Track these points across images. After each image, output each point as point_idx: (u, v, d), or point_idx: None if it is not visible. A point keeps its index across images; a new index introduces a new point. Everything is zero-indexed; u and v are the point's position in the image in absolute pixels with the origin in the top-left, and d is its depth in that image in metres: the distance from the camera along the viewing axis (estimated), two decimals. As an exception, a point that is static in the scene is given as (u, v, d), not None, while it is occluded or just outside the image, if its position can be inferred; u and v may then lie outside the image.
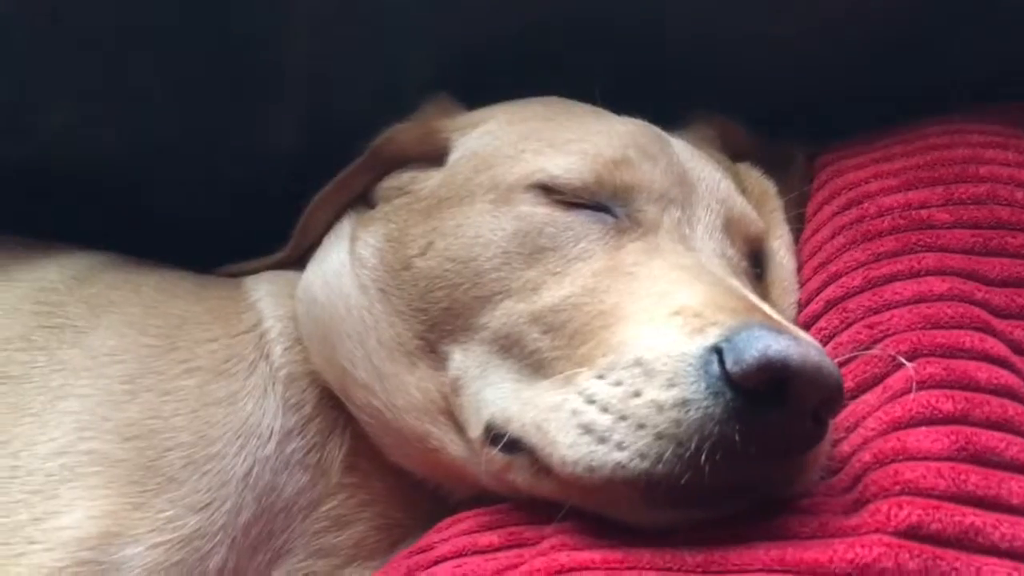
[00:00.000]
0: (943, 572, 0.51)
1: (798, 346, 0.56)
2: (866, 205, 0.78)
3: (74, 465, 0.68)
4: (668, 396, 0.58)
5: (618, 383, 0.60)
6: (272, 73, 0.92)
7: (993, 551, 0.53)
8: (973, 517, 0.54)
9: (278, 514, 0.76)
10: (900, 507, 0.54)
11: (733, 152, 0.92)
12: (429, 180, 0.83)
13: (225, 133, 0.95)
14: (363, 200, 0.89)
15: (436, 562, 0.67)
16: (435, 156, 0.85)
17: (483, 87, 0.89)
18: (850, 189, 0.81)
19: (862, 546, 0.53)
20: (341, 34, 0.91)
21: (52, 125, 0.93)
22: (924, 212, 0.75)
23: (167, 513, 0.69)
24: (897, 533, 0.53)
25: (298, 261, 0.91)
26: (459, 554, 0.66)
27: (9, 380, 0.73)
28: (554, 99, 0.87)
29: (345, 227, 0.87)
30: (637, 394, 0.59)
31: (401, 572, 0.69)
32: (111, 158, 0.96)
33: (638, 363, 0.60)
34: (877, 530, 0.54)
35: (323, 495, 0.78)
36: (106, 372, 0.74)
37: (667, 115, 0.88)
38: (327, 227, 0.90)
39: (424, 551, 0.70)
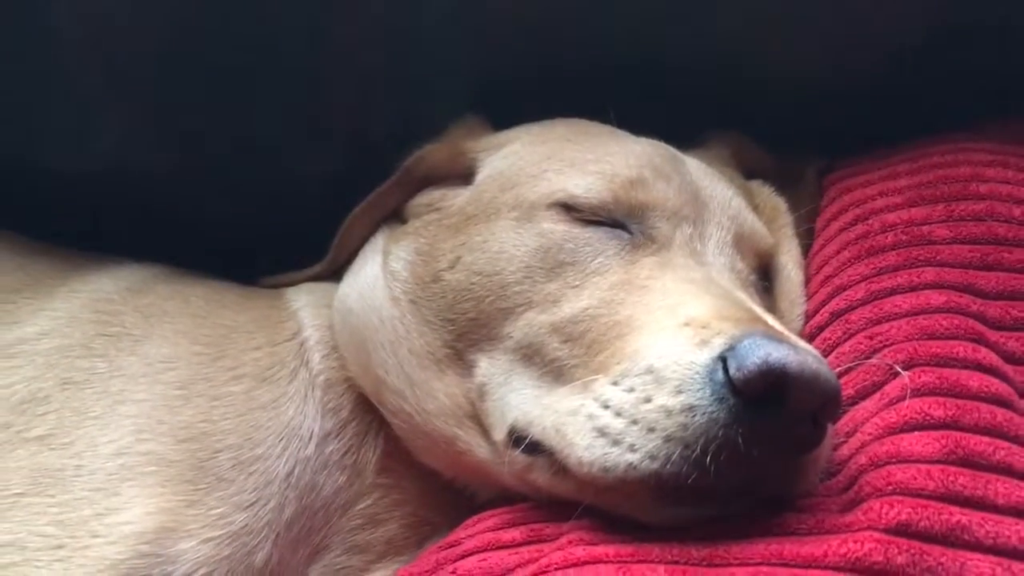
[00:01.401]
0: (930, 567, 0.55)
1: (797, 354, 0.60)
2: (871, 221, 0.82)
3: (133, 465, 0.72)
4: (676, 402, 0.62)
5: (631, 389, 0.64)
6: (312, 97, 0.98)
7: (978, 548, 0.56)
8: (960, 516, 0.57)
9: (317, 512, 0.80)
10: (891, 505, 0.58)
11: (747, 169, 0.96)
12: (457, 198, 0.87)
13: (268, 153, 1.00)
14: (396, 216, 0.94)
15: (462, 556, 0.71)
16: (463, 175, 0.90)
17: (508, 108, 0.93)
18: (857, 206, 0.84)
19: (854, 541, 0.57)
20: (377, 57, 0.96)
21: (109, 143, 0.99)
22: (925, 228, 0.78)
23: (218, 510, 0.73)
24: (887, 530, 0.57)
25: (335, 274, 0.95)
26: (484, 549, 0.71)
27: (72, 385, 0.77)
28: (575, 121, 0.91)
29: (379, 242, 0.92)
30: (648, 400, 0.63)
31: (430, 566, 0.74)
32: (161, 174, 1.02)
33: (649, 371, 0.64)
34: (869, 527, 0.58)
35: (359, 494, 0.83)
36: (161, 378, 0.78)
37: (681, 133, 0.92)
38: (362, 242, 0.94)
39: (452, 546, 0.74)
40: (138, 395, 0.77)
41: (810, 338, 0.78)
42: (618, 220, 0.77)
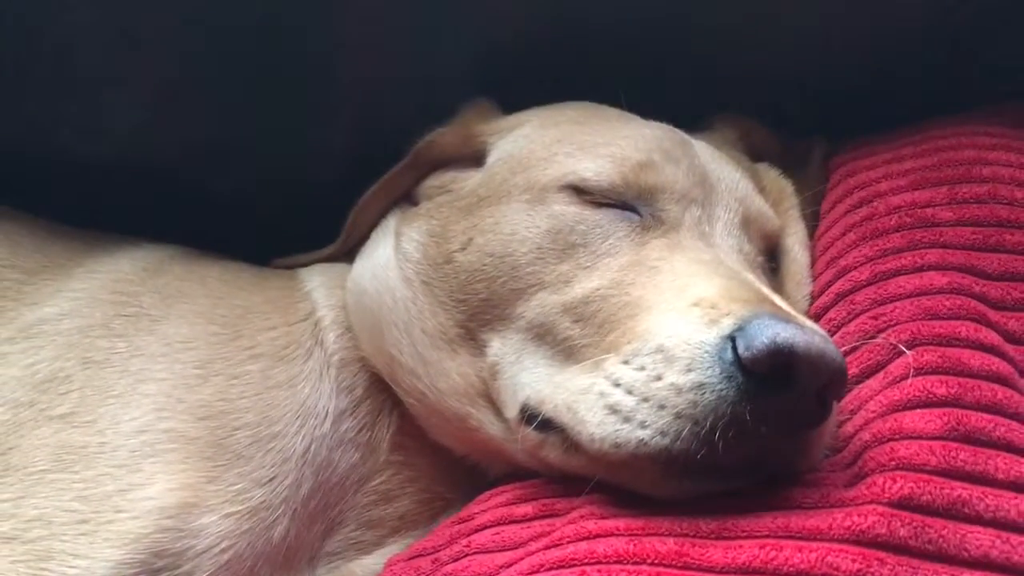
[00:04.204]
0: (931, 539, 0.57)
1: (804, 334, 0.61)
2: (875, 204, 0.83)
3: (154, 442, 0.74)
4: (686, 380, 0.63)
5: (641, 368, 0.66)
6: (324, 79, 0.99)
7: (978, 521, 0.58)
8: (961, 490, 0.59)
9: (333, 488, 0.82)
10: (894, 480, 0.60)
11: (754, 152, 0.97)
12: (469, 180, 0.89)
13: (281, 135, 1.01)
14: (407, 199, 0.95)
15: (476, 530, 0.73)
16: (474, 157, 0.91)
17: (519, 89, 0.94)
18: (862, 188, 0.86)
19: (859, 515, 0.59)
20: (388, 42, 0.97)
21: (124, 126, 1.00)
22: (929, 211, 0.79)
23: (237, 486, 0.75)
24: (891, 504, 0.59)
25: (347, 255, 0.97)
26: (497, 523, 0.73)
27: (93, 364, 0.79)
28: (585, 104, 0.92)
29: (391, 224, 0.93)
30: (659, 378, 0.65)
31: (444, 540, 0.76)
32: (177, 157, 1.03)
33: (660, 350, 0.66)
34: (873, 501, 0.59)
35: (373, 471, 0.85)
36: (180, 358, 0.80)
37: (688, 113, 0.93)
38: (374, 224, 0.95)
39: (465, 521, 0.76)
40: (158, 374, 0.78)
41: (816, 318, 0.79)
42: (628, 202, 0.79)
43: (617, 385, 0.67)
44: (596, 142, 0.83)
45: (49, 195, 1.01)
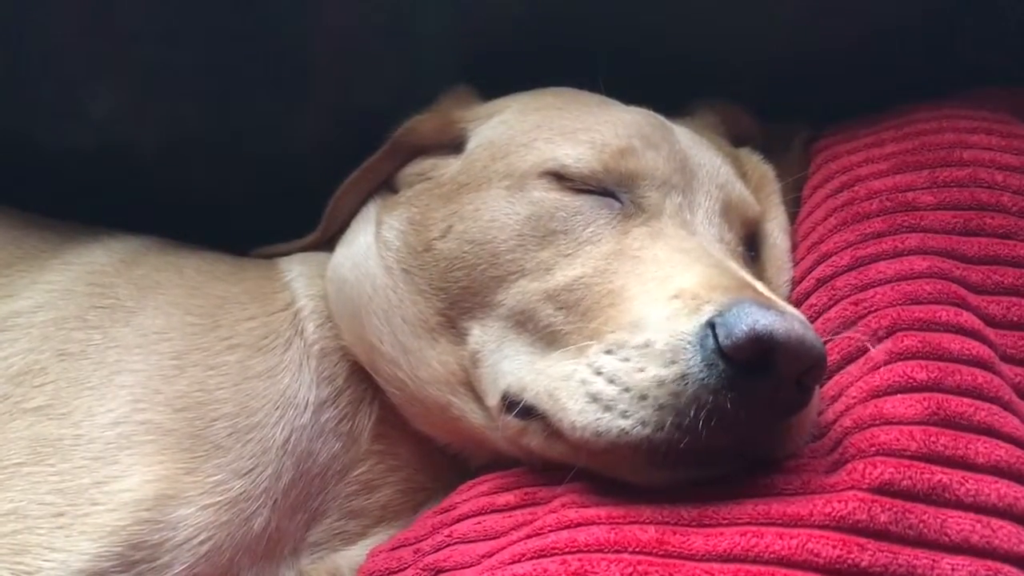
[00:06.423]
0: (912, 524, 0.57)
1: (783, 320, 0.61)
2: (857, 188, 0.83)
3: (130, 434, 0.73)
4: (669, 372, 0.63)
5: (626, 359, 0.66)
6: (301, 67, 0.97)
7: (958, 505, 0.58)
8: (941, 475, 0.59)
9: (314, 478, 0.82)
10: (874, 466, 0.60)
11: (735, 137, 0.97)
12: (449, 167, 0.88)
13: (259, 123, 1.00)
14: (387, 186, 0.94)
15: (458, 520, 0.73)
16: (454, 144, 0.90)
17: (500, 75, 0.93)
18: (843, 173, 0.85)
19: (839, 501, 0.59)
20: (366, 28, 0.96)
21: (99, 114, 0.98)
22: (910, 195, 0.79)
23: (215, 478, 0.74)
24: (871, 489, 0.59)
25: (327, 243, 0.96)
26: (479, 512, 0.72)
27: (68, 357, 0.78)
28: (564, 90, 0.91)
29: (371, 212, 0.92)
30: (642, 370, 0.64)
31: (426, 530, 0.76)
32: (153, 147, 1.01)
33: (646, 344, 0.65)
34: (853, 487, 0.59)
35: (354, 461, 0.84)
36: (156, 349, 0.79)
37: (668, 98, 0.92)
38: (354, 212, 0.95)
39: (447, 511, 0.76)
40: (134, 365, 0.78)
41: (797, 304, 0.79)
42: (608, 189, 0.78)
43: (599, 373, 0.67)
44: (576, 128, 0.82)
45: (25, 186, 1.00)
